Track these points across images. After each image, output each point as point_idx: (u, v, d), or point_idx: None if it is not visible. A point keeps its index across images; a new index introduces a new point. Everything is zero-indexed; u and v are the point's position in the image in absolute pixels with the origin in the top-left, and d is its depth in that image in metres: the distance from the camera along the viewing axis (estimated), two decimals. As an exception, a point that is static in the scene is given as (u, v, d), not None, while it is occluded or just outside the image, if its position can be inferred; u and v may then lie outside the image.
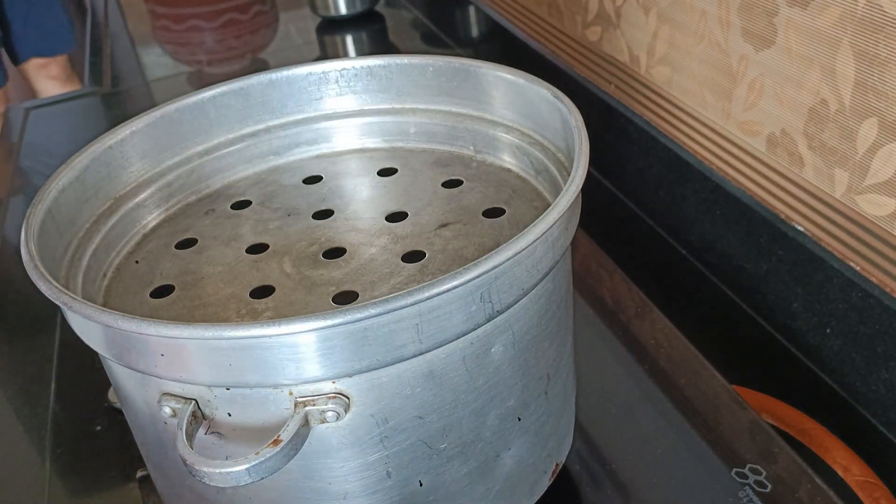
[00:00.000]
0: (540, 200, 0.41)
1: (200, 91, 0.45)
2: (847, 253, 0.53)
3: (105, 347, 0.32)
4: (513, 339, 0.34)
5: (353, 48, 1.16)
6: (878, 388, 0.52)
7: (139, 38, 1.30)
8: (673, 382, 0.50)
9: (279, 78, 0.46)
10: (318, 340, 0.28)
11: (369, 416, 0.31)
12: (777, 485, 0.43)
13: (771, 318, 0.61)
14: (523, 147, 0.43)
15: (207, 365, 0.29)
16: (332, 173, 0.46)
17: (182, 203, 0.44)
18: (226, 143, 0.46)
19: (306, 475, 0.33)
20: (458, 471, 0.35)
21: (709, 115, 0.64)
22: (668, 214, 0.72)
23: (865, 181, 0.50)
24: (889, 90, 0.46)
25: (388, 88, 0.47)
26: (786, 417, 0.52)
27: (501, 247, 0.30)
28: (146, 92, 1.08)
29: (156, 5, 1.39)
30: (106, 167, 0.42)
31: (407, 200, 0.42)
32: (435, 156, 0.46)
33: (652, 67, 0.70)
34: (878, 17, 0.46)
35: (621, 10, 0.72)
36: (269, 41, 1.24)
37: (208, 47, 1.23)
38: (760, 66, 0.57)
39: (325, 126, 0.47)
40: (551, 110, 0.40)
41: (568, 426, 0.42)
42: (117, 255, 0.41)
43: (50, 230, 0.36)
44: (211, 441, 0.32)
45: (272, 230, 0.41)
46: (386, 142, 0.47)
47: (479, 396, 0.34)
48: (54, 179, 0.38)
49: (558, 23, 0.86)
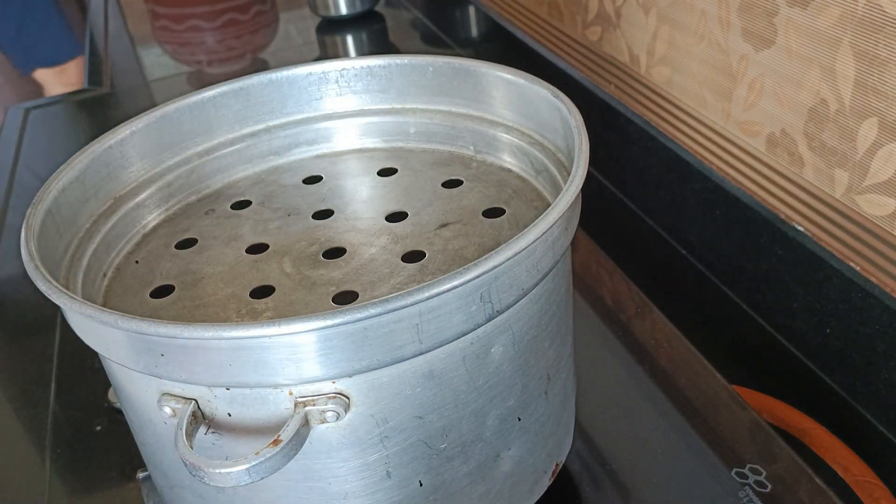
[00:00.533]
0: (540, 200, 0.41)
1: (200, 91, 0.45)
2: (847, 253, 0.53)
3: (105, 347, 0.32)
4: (513, 339, 0.34)
5: (353, 48, 1.16)
6: (878, 388, 0.52)
7: (139, 39, 1.30)
8: (673, 382, 0.50)
9: (279, 78, 0.46)
10: (318, 340, 0.28)
11: (369, 416, 0.31)
12: (777, 485, 0.43)
13: (771, 318, 0.61)
14: (523, 147, 0.43)
15: (207, 365, 0.29)
16: (332, 173, 0.46)
17: (182, 203, 0.44)
18: (226, 143, 0.46)
19: (306, 475, 0.33)
20: (458, 471, 0.35)
21: (709, 115, 0.64)
22: (668, 214, 0.72)
23: (865, 181, 0.50)
24: (889, 90, 0.46)
25: (388, 88, 0.47)
26: (786, 417, 0.52)
27: (501, 247, 0.30)
28: (146, 92, 1.08)
29: (156, 5, 1.39)
30: (106, 167, 0.42)
31: (407, 200, 0.42)
32: (435, 156, 0.46)
33: (652, 67, 0.70)
34: (878, 17, 0.46)
35: (621, 11, 0.72)
36: (269, 41, 1.24)
37: (208, 47, 1.23)
38: (760, 66, 0.57)
39: (325, 126, 0.47)
40: (551, 110, 0.40)
41: (568, 426, 0.42)
42: (117, 255, 0.41)
43: (50, 230, 0.36)
44: (211, 441, 0.32)
45: (272, 230, 0.41)
46: (386, 142, 0.47)
47: (479, 396, 0.34)
48: (54, 179, 0.38)
49: (558, 23, 0.86)
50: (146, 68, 1.18)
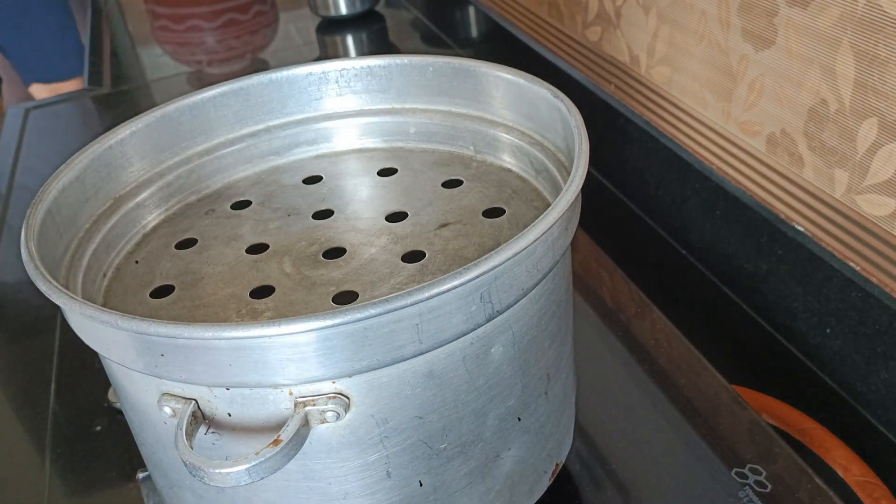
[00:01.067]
0: (540, 200, 0.41)
1: (200, 91, 0.45)
2: (847, 253, 0.53)
3: (105, 347, 0.32)
4: (513, 340, 0.34)
5: (353, 48, 1.17)
6: (878, 388, 0.52)
7: (139, 39, 1.30)
8: (673, 382, 0.50)
9: (279, 78, 0.46)
10: (318, 340, 0.28)
11: (369, 417, 0.31)
12: (777, 485, 0.43)
13: (771, 318, 0.61)
14: (523, 147, 0.43)
15: (207, 365, 0.29)
16: (332, 173, 0.46)
17: (182, 203, 0.44)
18: (226, 143, 0.46)
19: (306, 475, 0.33)
20: (458, 471, 0.35)
21: (709, 115, 0.64)
22: (668, 214, 0.72)
23: (865, 181, 0.50)
24: (889, 90, 0.46)
25: (388, 88, 0.47)
26: (786, 417, 0.52)
27: (501, 247, 0.30)
28: (146, 92, 1.08)
29: (155, 5, 1.39)
30: (106, 167, 0.42)
31: (407, 200, 0.42)
32: (435, 156, 0.46)
33: (652, 67, 0.70)
34: (878, 17, 0.46)
35: (621, 11, 0.72)
36: (268, 41, 1.24)
37: (208, 47, 1.23)
38: (760, 66, 0.57)
39: (325, 126, 0.47)
40: (551, 110, 0.40)
41: (568, 426, 0.42)
42: (117, 255, 0.41)
43: (50, 230, 0.36)
44: (211, 441, 0.32)
45: (272, 230, 0.41)
46: (386, 142, 0.47)
47: (479, 396, 0.34)
48: (54, 179, 0.38)
49: (558, 23, 0.86)
50: (146, 68, 1.18)
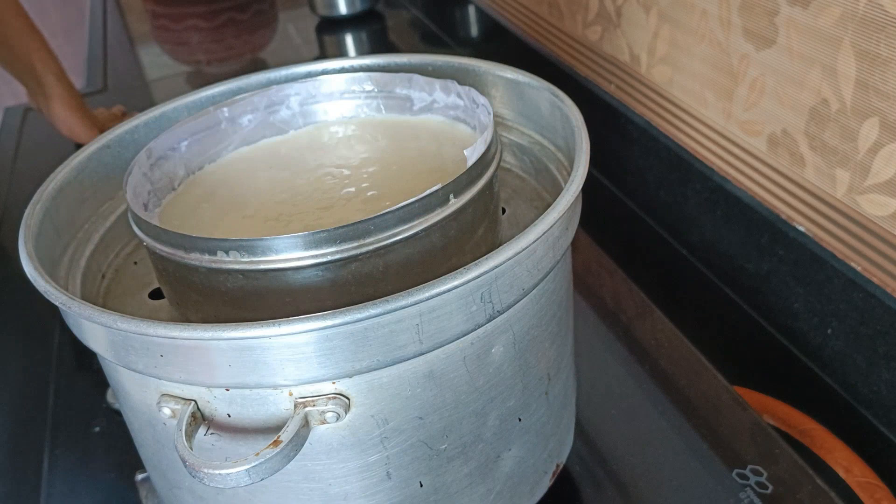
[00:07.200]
0: (540, 200, 0.41)
1: (199, 91, 0.45)
2: (848, 253, 0.53)
3: (104, 348, 0.32)
4: (513, 340, 0.34)
5: (353, 48, 1.16)
6: (879, 389, 0.52)
7: (138, 38, 1.30)
8: (673, 383, 0.50)
9: (278, 77, 0.46)
10: (318, 341, 0.28)
11: (369, 417, 0.31)
12: (778, 486, 0.43)
13: (772, 319, 0.61)
14: (523, 147, 0.43)
15: (206, 365, 0.29)
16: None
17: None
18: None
19: (306, 476, 0.33)
20: (459, 471, 0.35)
21: (710, 114, 0.64)
22: (669, 214, 0.71)
23: (867, 181, 0.50)
24: (890, 90, 0.46)
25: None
26: (787, 418, 0.52)
27: (501, 247, 0.30)
28: (145, 92, 1.08)
29: (154, 5, 1.39)
30: (104, 167, 0.41)
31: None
32: (435, 155, 0.46)
33: (653, 67, 0.70)
34: (879, 16, 0.46)
35: (622, 10, 0.72)
36: (268, 41, 1.24)
37: (207, 47, 1.22)
38: (761, 66, 0.56)
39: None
40: (551, 110, 0.40)
41: (568, 426, 0.42)
42: (116, 256, 0.41)
43: (48, 231, 0.36)
44: (210, 442, 0.32)
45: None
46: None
47: (479, 397, 0.33)
48: (52, 180, 0.38)
49: (559, 22, 0.86)
50: (145, 68, 1.18)
